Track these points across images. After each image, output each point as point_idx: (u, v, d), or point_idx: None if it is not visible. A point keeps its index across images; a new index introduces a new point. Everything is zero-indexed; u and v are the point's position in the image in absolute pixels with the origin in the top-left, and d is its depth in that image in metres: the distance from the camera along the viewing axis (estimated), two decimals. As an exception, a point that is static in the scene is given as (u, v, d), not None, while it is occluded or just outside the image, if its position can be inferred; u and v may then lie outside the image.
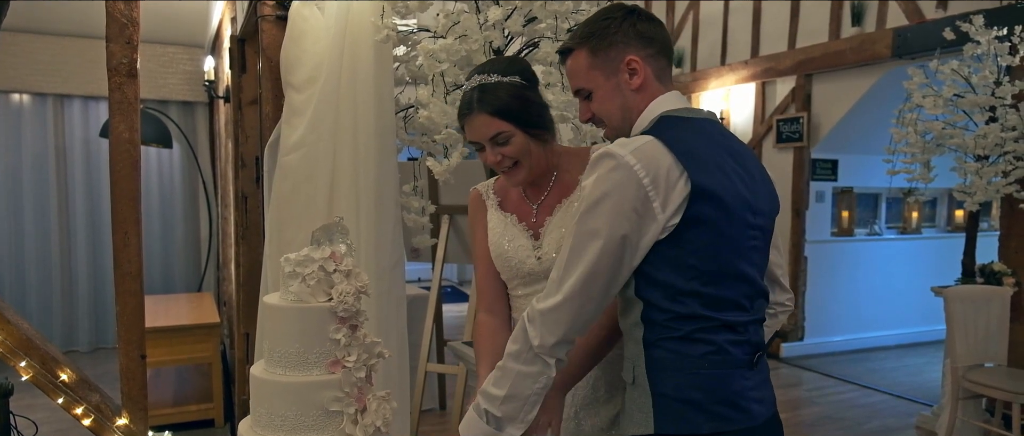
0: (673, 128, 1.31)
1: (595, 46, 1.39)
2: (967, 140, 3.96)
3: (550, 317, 1.28)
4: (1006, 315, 3.68)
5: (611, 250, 1.24)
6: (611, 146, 1.28)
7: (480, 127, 1.55)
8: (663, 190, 1.24)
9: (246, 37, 3.56)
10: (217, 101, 5.77)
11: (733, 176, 1.31)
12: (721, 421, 1.28)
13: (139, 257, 2.61)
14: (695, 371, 1.29)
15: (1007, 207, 4.15)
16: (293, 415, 1.35)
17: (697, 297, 1.28)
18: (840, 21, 5.44)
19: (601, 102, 1.41)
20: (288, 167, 2.50)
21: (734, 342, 1.32)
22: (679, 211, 1.25)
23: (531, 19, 2.31)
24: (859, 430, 4.31)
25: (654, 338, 1.31)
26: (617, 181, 1.24)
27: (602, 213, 1.24)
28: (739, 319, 1.32)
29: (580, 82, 1.42)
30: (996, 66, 3.88)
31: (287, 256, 1.41)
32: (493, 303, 1.69)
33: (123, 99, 2.56)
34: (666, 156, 1.25)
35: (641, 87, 1.38)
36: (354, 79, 2.42)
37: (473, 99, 1.55)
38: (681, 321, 1.29)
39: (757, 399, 1.34)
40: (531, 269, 1.61)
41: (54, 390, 2.53)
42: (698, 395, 1.28)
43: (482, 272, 1.70)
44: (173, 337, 4.06)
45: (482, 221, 1.71)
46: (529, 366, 1.31)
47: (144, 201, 2.65)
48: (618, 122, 1.41)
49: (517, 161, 1.57)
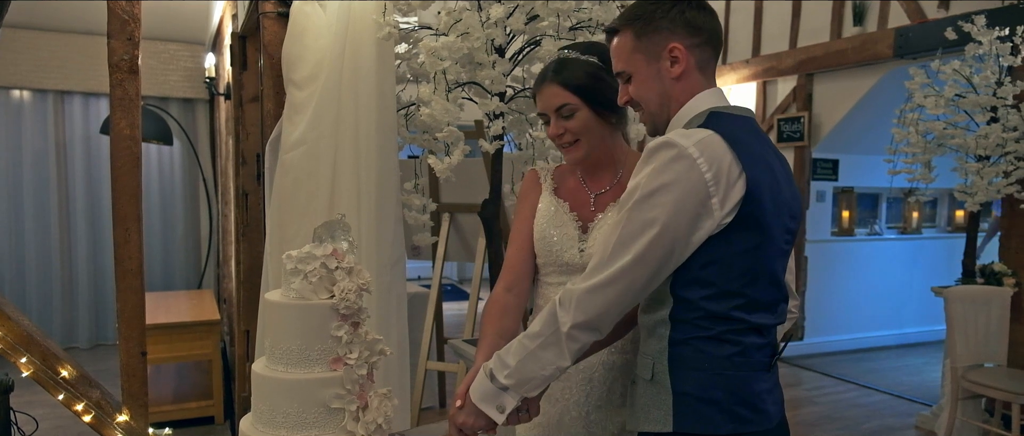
0: (729, 125, 1.28)
1: (640, 29, 1.36)
2: (968, 140, 3.96)
3: (587, 298, 1.25)
4: (1006, 315, 3.68)
5: (664, 242, 1.22)
6: (671, 136, 1.25)
7: (549, 97, 1.58)
8: (723, 187, 1.22)
9: (247, 34, 3.56)
10: (218, 98, 5.76)
11: (778, 177, 1.31)
12: (740, 422, 1.28)
13: (140, 254, 2.61)
14: (720, 372, 1.28)
15: (1007, 207, 4.15)
16: (295, 412, 1.35)
17: (738, 297, 1.28)
18: (842, 20, 5.43)
19: (639, 86, 1.39)
20: (289, 164, 2.50)
21: (758, 345, 1.31)
22: (734, 209, 1.23)
23: (533, 17, 2.31)
24: (859, 430, 4.31)
25: (682, 336, 1.29)
26: (678, 172, 1.21)
27: (660, 203, 1.22)
28: (765, 322, 1.32)
29: (622, 64, 1.41)
30: (998, 66, 3.88)
31: (289, 253, 1.41)
32: (515, 282, 1.66)
33: (124, 95, 2.56)
34: (727, 152, 1.23)
35: (681, 76, 1.35)
36: (356, 76, 2.42)
37: (549, 70, 1.59)
38: (713, 321, 1.28)
39: (773, 401, 1.34)
40: (570, 260, 1.61)
41: (54, 386, 2.54)
42: (720, 395, 1.27)
43: (515, 249, 1.69)
44: (173, 334, 4.07)
45: (531, 201, 1.71)
46: (545, 351, 1.28)
47: (144, 198, 2.64)
48: (655, 108, 1.39)
49: (577, 139, 1.58)
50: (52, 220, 5.96)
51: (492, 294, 1.67)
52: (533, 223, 1.68)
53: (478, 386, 1.33)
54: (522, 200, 1.74)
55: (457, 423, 1.35)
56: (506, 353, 1.32)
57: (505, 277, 1.67)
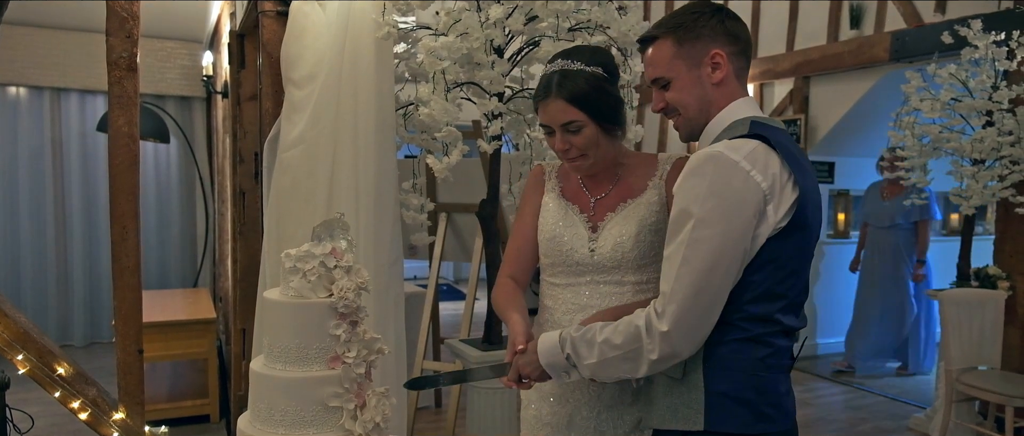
0: (774, 134, 1.32)
1: (682, 36, 1.40)
2: (964, 144, 3.98)
3: (674, 335, 1.28)
4: (1000, 319, 3.70)
5: (730, 252, 1.26)
6: (718, 148, 1.29)
7: (555, 113, 1.55)
8: (777, 194, 1.27)
9: (245, 32, 3.55)
10: (215, 96, 5.75)
11: (814, 184, 1.37)
12: (767, 422, 1.33)
13: (137, 252, 2.61)
14: (754, 372, 1.32)
15: (1002, 211, 4.17)
16: (293, 410, 1.35)
17: (782, 299, 1.33)
18: (838, 24, 5.45)
19: (679, 91, 1.42)
20: (288, 163, 2.50)
21: (786, 348, 1.37)
22: (788, 214, 1.29)
23: (532, 17, 2.32)
24: (853, 432, 4.32)
25: (721, 338, 1.33)
26: (734, 186, 1.26)
27: (719, 221, 1.25)
28: (795, 325, 1.38)
29: (660, 71, 1.43)
30: (993, 70, 3.89)
31: (287, 252, 1.41)
32: (518, 273, 1.72)
33: (123, 93, 2.56)
34: (776, 160, 1.28)
35: (722, 82, 1.40)
36: (355, 76, 2.42)
37: (552, 83, 1.56)
38: (753, 322, 1.32)
39: (791, 401, 1.40)
40: (581, 259, 1.61)
41: (51, 384, 2.53)
42: (752, 395, 1.32)
43: (517, 244, 1.72)
44: (169, 332, 4.06)
45: (534, 197, 1.73)
46: (624, 363, 1.34)
47: (141, 196, 2.64)
48: (694, 113, 1.42)
49: (584, 153, 1.58)
50: (48, 217, 5.94)
51: (499, 280, 1.72)
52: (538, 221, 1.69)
53: (550, 355, 1.42)
54: (526, 194, 1.76)
55: (523, 371, 1.48)
56: (587, 349, 1.38)
57: (508, 266, 1.72)
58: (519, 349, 1.49)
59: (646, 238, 1.59)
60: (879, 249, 5.46)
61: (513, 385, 1.52)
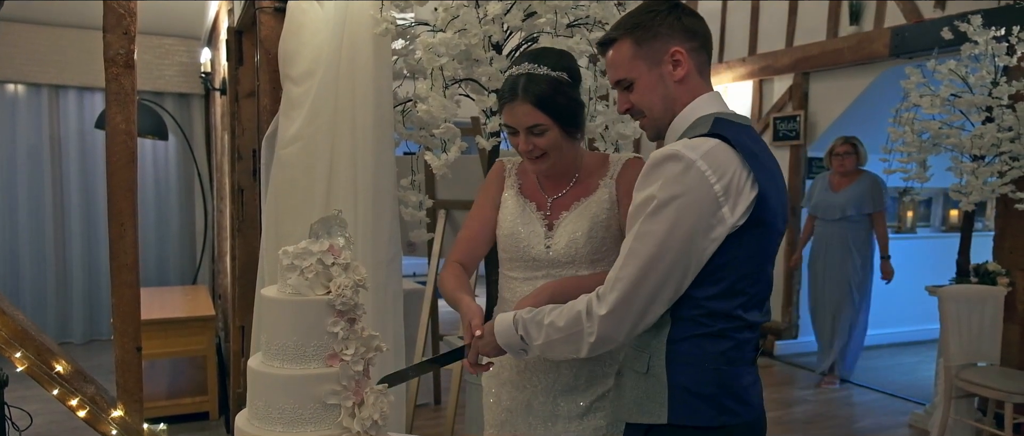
0: (734, 131, 1.33)
1: (640, 37, 1.40)
2: (963, 140, 3.97)
3: (608, 320, 1.32)
4: (999, 315, 3.70)
5: (680, 253, 1.27)
6: (678, 147, 1.29)
7: (521, 115, 1.60)
8: (733, 195, 1.28)
9: (243, 29, 3.55)
10: (213, 93, 5.74)
11: (778, 181, 1.38)
12: (729, 414, 1.35)
13: (135, 249, 2.60)
14: (715, 367, 1.34)
15: (1002, 207, 4.17)
16: (290, 408, 1.35)
17: (742, 296, 1.34)
18: (838, 20, 5.44)
19: (642, 92, 1.42)
20: (286, 160, 2.50)
21: (749, 341, 1.39)
22: (746, 214, 1.29)
23: (530, 14, 2.31)
24: (852, 428, 4.33)
25: (682, 334, 1.35)
26: (689, 185, 1.26)
27: (672, 216, 1.27)
28: (758, 319, 1.39)
29: (622, 72, 1.44)
30: (993, 66, 3.89)
31: (285, 249, 1.40)
32: (467, 260, 1.79)
33: (120, 90, 2.55)
34: (734, 159, 1.28)
35: (684, 79, 1.40)
36: (352, 72, 2.42)
37: (519, 86, 1.60)
38: (714, 318, 1.34)
39: (755, 393, 1.41)
40: (537, 255, 1.69)
41: (49, 381, 2.53)
42: (713, 389, 1.34)
43: (470, 233, 1.79)
44: (168, 330, 4.06)
45: (493, 193, 1.79)
46: (566, 344, 1.40)
47: (139, 193, 2.64)
48: (659, 113, 1.43)
49: (545, 152, 1.63)
50: (46, 215, 5.94)
51: (447, 265, 1.78)
52: (495, 216, 1.77)
53: (506, 335, 1.48)
54: (485, 188, 1.81)
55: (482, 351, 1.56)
56: (536, 331, 1.44)
57: (458, 252, 1.78)
58: (477, 335, 1.55)
59: (598, 234, 1.67)
60: (827, 243, 5.09)
61: (472, 369, 1.59)
